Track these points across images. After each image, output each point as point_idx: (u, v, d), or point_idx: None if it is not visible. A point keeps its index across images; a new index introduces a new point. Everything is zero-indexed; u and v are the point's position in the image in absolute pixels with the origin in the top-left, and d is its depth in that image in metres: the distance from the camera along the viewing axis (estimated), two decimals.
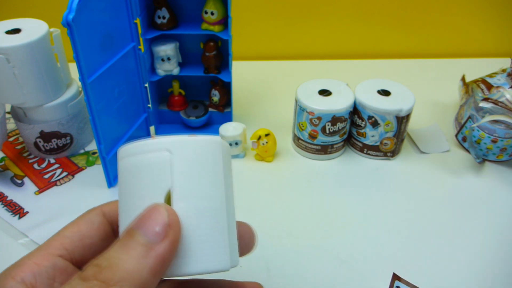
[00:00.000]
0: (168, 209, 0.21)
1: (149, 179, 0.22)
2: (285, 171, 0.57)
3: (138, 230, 0.20)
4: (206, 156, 0.23)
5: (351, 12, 0.82)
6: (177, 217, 0.21)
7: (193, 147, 0.23)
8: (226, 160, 0.24)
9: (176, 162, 0.22)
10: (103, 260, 0.19)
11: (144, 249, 0.20)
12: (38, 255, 0.23)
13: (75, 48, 0.43)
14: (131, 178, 0.23)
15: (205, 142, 0.23)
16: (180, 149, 0.22)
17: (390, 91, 0.57)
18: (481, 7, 0.82)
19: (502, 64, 0.70)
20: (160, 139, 0.23)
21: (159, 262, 0.20)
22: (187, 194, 0.22)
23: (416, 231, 0.49)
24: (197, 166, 0.22)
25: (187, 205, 0.22)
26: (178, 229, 0.21)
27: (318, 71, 0.81)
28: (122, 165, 0.24)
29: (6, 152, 0.60)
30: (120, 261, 0.19)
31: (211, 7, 0.54)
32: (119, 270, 0.19)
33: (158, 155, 0.22)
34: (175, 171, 0.22)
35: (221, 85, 0.61)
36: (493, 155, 0.58)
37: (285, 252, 0.46)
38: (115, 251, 0.20)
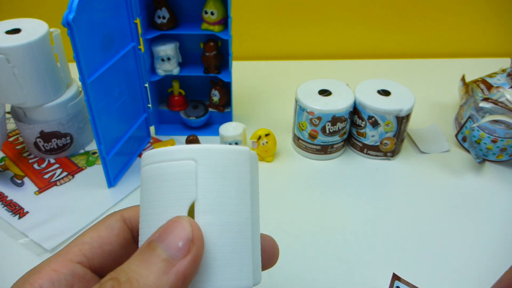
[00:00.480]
0: (192, 223, 0.20)
1: (173, 189, 0.21)
2: (285, 171, 0.57)
3: (160, 243, 0.19)
4: (234, 168, 0.22)
5: (351, 12, 0.82)
6: (200, 232, 0.20)
7: (220, 157, 0.22)
8: (253, 172, 0.23)
9: (201, 173, 0.21)
10: (122, 274, 0.19)
11: (165, 265, 0.19)
12: (57, 262, 0.22)
13: (75, 48, 0.43)
14: (154, 186, 0.22)
15: (233, 152, 0.22)
16: (206, 159, 0.21)
17: (390, 91, 0.57)
18: (481, 7, 0.82)
19: (502, 64, 0.70)
20: (186, 147, 0.22)
21: (180, 279, 0.19)
22: (211, 207, 0.21)
23: (416, 231, 0.49)
24: (223, 178, 0.21)
25: (211, 218, 0.21)
26: (202, 245, 0.20)
27: (318, 71, 0.81)
28: (145, 171, 0.23)
29: (6, 152, 0.60)
30: (140, 276, 0.19)
31: (211, 7, 0.54)
32: (139, 286, 0.18)
33: (183, 164, 0.21)
34: (200, 182, 0.21)
35: (221, 85, 0.61)
36: (493, 155, 0.58)
37: (285, 252, 0.46)
38: (135, 265, 0.19)
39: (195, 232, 0.20)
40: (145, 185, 0.23)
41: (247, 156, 0.23)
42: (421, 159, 0.60)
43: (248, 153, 0.23)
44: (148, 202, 0.22)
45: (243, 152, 0.22)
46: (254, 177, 0.23)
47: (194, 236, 0.20)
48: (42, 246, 0.46)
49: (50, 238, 0.47)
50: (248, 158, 0.23)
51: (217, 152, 0.22)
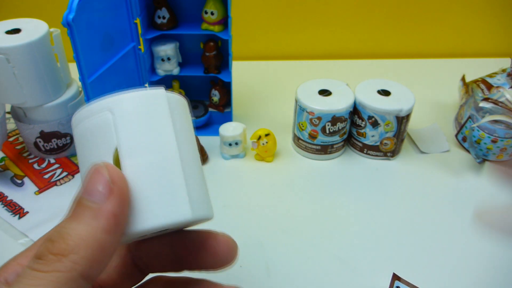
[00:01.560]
0: (107, 165, 0.20)
1: (96, 142, 0.22)
2: (285, 171, 0.57)
3: (83, 195, 0.20)
4: (148, 110, 0.22)
5: (351, 12, 0.82)
6: (118, 171, 0.21)
7: (133, 103, 0.22)
8: (176, 111, 0.24)
9: (118, 120, 0.22)
10: (54, 233, 0.19)
11: (93, 212, 0.19)
12: (23, 256, 0.23)
13: (75, 48, 0.43)
14: (82, 144, 0.23)
15: (145, 96, 0.23)
16: (120, 107, 0.22)
17: (390, 91, 0.57)
18: (481, 7, 0.82)
19: (502, 64, 0.70)
20: (101, 100, 0.22)
21: (111, 219, 0.19)
22: (133, 150, 0.22)
23: (416, 231, 0.49)
24: (140, 121, 0.22)
25: (134, 161, 0.22)
26: (123, 183, 0.20)
27: (318, 71, 0.81)
28: (74, 134, 0.24)
29: (6, 152, 0.60)
30: (70, 230, 0.19)
31: (211, 7, 0.54)
32: (72, 239, 0.19)
33: (100, 116, 0.22)
34: (118, 130, 0.22)
35: (221, 85, 0.61)
36: (493, 155, 0.58)
37: (285, 252, 0.46)
38: (65, 222, 0.19)
39: (111, 172, 0.20)
40: (77, 146, 0.24)
41: (162, 97, 0.23)
42: (421, 159, 0.60)
43: (163, 94, 0.23)
44: (82, 161, 0.23)
45: (156, 94, 0.23)
46: (178, 116, 0.24)
47: (112, 176, 0.20)
48: None
49: None
50: (163, 98, 0.23)
51: (130, 98, 0.22)
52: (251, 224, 0.49)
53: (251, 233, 0.48)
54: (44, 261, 0.18)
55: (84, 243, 0.19)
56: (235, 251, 0.26)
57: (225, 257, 0.25)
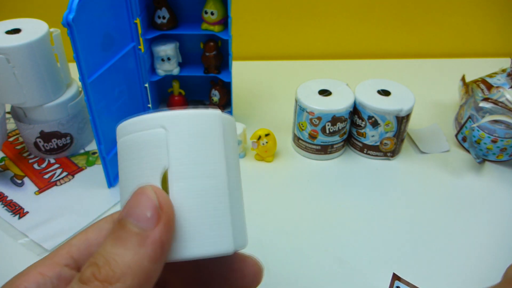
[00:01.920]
0: (156, 190, 0.20)
1: (145, 159, 0.21)
2: (285, 171, 0.57)
3: (129, 218, 0.19)
4: (204, 131, 0.21)
5: (351, 12, 0.82)
6: (167, 197, 0.20)
7: (189, 122, 0.21)
8: (228, 135, 0.22)
9: (171, 140, 0.21)
10: (99, 257, 0.19)
11: (139, 238, 0.19)
12: (44, 265, 0.22)
13: (75, 48, 0.43)
14: (128, 158, 0.22)
15: (203, 116, 0.21)
16: (175, 125, 0.21)
17: (390, 91, 0.57)
18: (481, 7, 0.82)
19: (502, 64, 0.70)
20: (155, 114, 0.21)
21: (158, 248, 0.19)
22: (184, 173, 0.21)
23: (416, 231, 0.49)
24: (194, 143, 0.21)
25: (184, 185, 0.21)
26: (171, 210, 0.20)
27: (318, 71, 0.81)
28: (119, 144, 0.22)
29: (6, 152, 0.60)
30: (116, 256, 0.18)
31: (211, 7, 0.54)
32: (118, 266, 0.18)
33: (153, 132, 0.21)
34: (170, 150, 0.21)
35: (221, 85, 0.61)
36: (493, 155, 0.58)
37: (285, 252, 0.46)
38: (110, 246, 0.19)
39: (161, 199, 0.20)
40: (120, 157, 0.22)
41: (218, 118, 0.22)
42: (421, 159, 0.60)
43: (219, 116, 0.22)
44: (124, 175, 0.22)
45: (213, 115, 0.22)
46: (230, 140, 0.23)
47: (161, 203, 0.19)
48: (42, 246, 0.46)
49: (50, 238, 0.47)
50: (219, 120, 0.22)
51: (186, 117, 0.21)
52: (251, 224, 0.49)
53: (251, 233, 0.48)
54: (89, 286, 0.18)
55: (131, 272, 0.18)
56: (261, 274, 0.25)
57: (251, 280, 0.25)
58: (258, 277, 0.25)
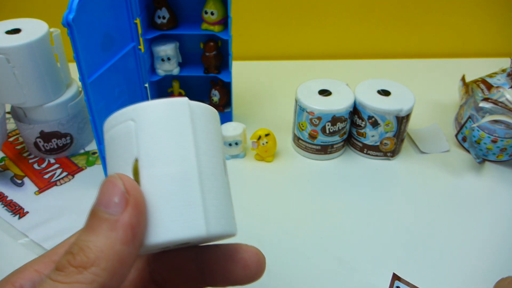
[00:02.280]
0: (122, 177, 0.21)
1: (118, 152, 0.22)
2: (285, 171, 0.57)
3: (99, 207, 0.20)
4: (170, 119, 0.22)
5: (351, 12, 0.82)
6: (133, 182, 0.21)
7: (155, 112, 0.22)
8: (197, 121, 0.23)
9: (139, 130, 0.22)
10: (74, 247, 0.19)
11: (110, 223, 0.19)
12: (40, 262, 0.22)
13: (75, 48, 0.43)
14: (107, 155, 0.23)
15: (168, 104, 0.22)
16: (142, 116, 0.22)
17: (390, 91, 0.57)
18: (481, 7, 0.82)
19: (502, 64, 0.70)
20: (126, 108, 0.22)
21: (129, 230, 0.19)
22: (152, 161, 0.21)
23: (416, 231, 0.49)
24: (160, 131, 0.22)
25: (152, 171, 0.21)
26: (138, 193, 0.20)
27: (318, 71, 0.81)
28: (104, 142, 0.24)
29: (6, 152, 0.60)
30: (89, 242, 0.19)
31: (211, 7, 0.54)
32: (92, 251, 0.19)
33: (124, 125, 0.22)
34: (139, 140, 0.22)
35: (221, 85, 0.61)
36: (493, 155, 0.58)
37: (285, 252, 0.46)
38: (83, 235, 0.20)
39: (127, 184, 0.20)
40: (105, 154, 0.24)
41: (184, 105, 0.22)
42: (421, 159, 0.60)
43: (185, 103, 0.23)
44: (108, 169, 0.23)
45: (178, 103, 0.22)
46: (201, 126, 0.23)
47: (127, 188, 0.20)
48: (42, 246, 0.46)
49: (50, 238, 0.47)
50: (185, 107, 0.22)
51: (151, 107, 0.22)
52: (251, 224, 0.49)
53: (251, 233, 0.48)
54: (65, 273, 0.19)
55: (104, 256, 0.19)
56: (264, 264, 0.25)
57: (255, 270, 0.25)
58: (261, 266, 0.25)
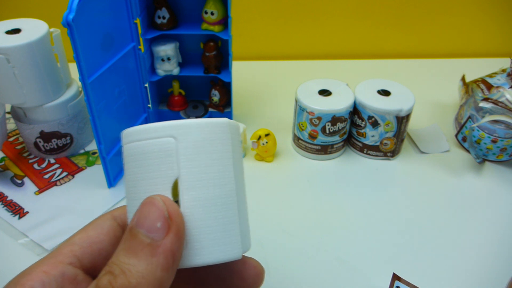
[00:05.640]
0: (165, 200, 0.20)
1: (155, 167, 0.21)
2: (285, 171, 0.57)
3: (140, 229, 0.20)
4: (213, 141, 0.22)
5: (351, 12, 0.82)
6: (176, 207, 0.21)
7: (199, 132, 0.21)
8: (235, 142, 0.23)
9: (181, 149, 0.21)
10: (115, 267, 0.19)
11: (151, 248, 0.19)
12: (47, 263, 0.23)
13: (75, 48, 0.43)
14: (136, 165, 0.22)
15: (212, 125, 0.22)
16: (185, 135, 0.21)
17: (390, 91, 0.57)
18: (481, 7, 0.82)
19: (502, 64, 0.70)
20: (165, 123, 0.22)
21: (169, 257, 0.20)
22: (194, 183, 0.21)
23: (416, 231, 0.49)
24: (204, 152, 0.21)
25: (195, 194, 0.21)
26: (180, 219, 0.21)
27: (318, 71, 0.81)
28: (126, 149, 0.23)
29: (6, 152, 0.60)
30: (131, 266, 0.19)
31: (211, 7, 0.54)
32: (133, 276, 0.19)
33: (162, 141, 0.21)
34: (181, 159, 0.21)
35: (221, 85, 0.61)
36: (493, 155, 0.58)
37: (285, 252, 0.46)
38: (123, 256, 0.20)
39: (170, 209, 0.20)
40: (127, 164, 0.23)
41: (226, 127, 0.22)
42: (421, 159, 0.60)
43: (227, 124, 0.22)
44: (132, 181, 0.22)
45: (221, 124, 0.22)
46: (236, 147, 0.23)
47: (170, 213, 0.20)
48: (42, 246, 0.46)
49: (50, 238, 0.47)
50: (227, 129, 0.22)
51: (195, 126, 0.22)
52: (251, 224, 0.49)
53: (251, 233, 0.48)
54: None
55: (145, 282, 0.19)
56: (262, 276, 0.26)
57: (252, 282, 0.25)
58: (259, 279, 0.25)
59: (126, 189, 0.23)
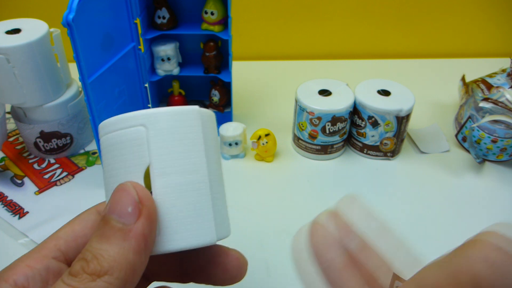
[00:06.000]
0: (136, 186, 0.21)
1: (127, 156, 0.22)
2: (285, 171, 0.57)
3: (112, 215, 0.20)
4: (183, 128, 0.22)
5: (351, 12, 0.82)
6: (146, 192, 0.21)
7: (168, 119, 0.22)
8: (207, 130, 0.23)
9: (152, 137, 0.22)
10: (88, 253, 0.20)
11: (123, 233, 0.20)
12: (31, 258, 0.23)
13: (75, 48, 0.43)
14: (111, 155, 0.23)
15: (181, 113, 0.22)
16: (155, 123, 0.22)
17: (390, 91, 0.57)
18: (481, 7, 0.82)
19: (502, 64, 0.70)
20: (135, 113, 0.22)
21: (141, 240, 0.20)
22: (165, 169, 0.21)
23: (416, 231, 0.49)
24: (174, 139, 0.22)
25: (166, 180, 0.21)
26: (151, 204, 0.21)
27: (318, 71, 0.81)
28: (102, 142, 0.23)
29: (6, 152, 0.60)
30: (103, 251, 0.19)
31: (211, 7, 0.54)
32: (105, 260, 0.19)
33: (133, 130, 0.22)
34: (151, 147, 0.21)
35: (221, 85, 0.61)
36: (493, 155, 0.58)
37: (285, 252, 0.46)
38: (96, 242, 0.20)
39: (140, 193, 0.21)
40: (104, 156, 0.23)
41: (196, 115, 0.23)
42: (421, 159, 0.60)
43: (198, 111, 0.23)
44: (108, 172, 0.23)
45: (191, 111, 0.22)
46: (208, 134, 0.23)
47: (140, 198, 0.20)
48: None
49: None
50: (198, 116, 0.23)
51: (164, 114, 0.22)
52: (251, 224, 0.49)
53: (251, 233, 0.48)
54: (79, 279, 0.19)
55: (117, 265, 0.19)
56: (245, 268, 0.26)
57: (235, 274, 0.26)
58: (241, 271, 0.26)
59: (104, 181, 0.24)
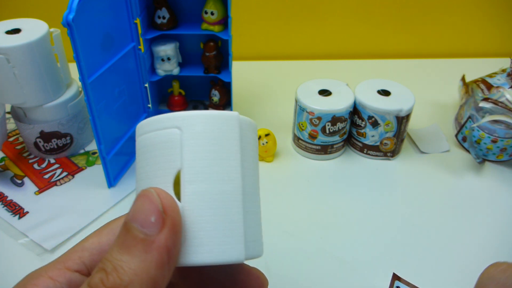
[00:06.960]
0: (160, 193, 0.19)
1: (159, 159, 0.20)
2: (285, 171, 0.57)
3: (133, 223, 0.19)
4: (220, 134, 0.20)
5: (351, 12, 0.82)
6: (172, 201, 0.19)
7: (206, 124, 0.20)
8: (245, 138, 0.22)
9: (186, 141, 0.20)
10: (108, 264, 0.19)
11: (145, 244, 0.18)
12: (55, 269, 0.22)
13: (75, 48, 0.43)
14: (143, 157, 0.21)
15: (220, 117, 0.21)
16: (191, 126, 0.20)
17: (390, 91, 0.57)
18: (481, 7, 0.82)
19: (502, 64, 0.70)
20: (171, 114, 0.21)
21: (164, 253, 0.19)
22: (197, 176, 0.20)
23: (416, 231, 0.49)
24: (209, 145, 0.20)
25: (196, 188, 0.20)
26: (176, 214, 0.19)
27: (318, 71, 0.81)
28: (138, 143, 0.22)
29: (6, 152, 0.60)
30: (123, 263, 0.18)
31: (211, 7, 0.54)
32: (126, 273, 0.18)
33: (167, 132, 0.20)
34: (184, 151, 0.20)
35: (221, 85, 0.61)
36: (493, 155, 0.58)
37: (285, 252, 0.46)
38: (117, 252, 0.19)
39: (164, 202, 0.19)
40: (138, 157, 0.22)
41: (235, 121, 0.21)
42: (421, 159, 0.60)
43: (236, 118, 0.21)
44: (139, 174, 0.22)
45: (231, 117, 0.21)
46: (246, 143, 0.22)
47: (164, 207, 0.19)
48: (42, 246, 0.46)
49: (50, 238, 0.47)
50: (237, 123, 0.21)
51: (202, 118, 0.20)
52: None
53: None
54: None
55: (138, 279, 0.18)
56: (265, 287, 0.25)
57: None
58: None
59: (136, 183, 0.22)
